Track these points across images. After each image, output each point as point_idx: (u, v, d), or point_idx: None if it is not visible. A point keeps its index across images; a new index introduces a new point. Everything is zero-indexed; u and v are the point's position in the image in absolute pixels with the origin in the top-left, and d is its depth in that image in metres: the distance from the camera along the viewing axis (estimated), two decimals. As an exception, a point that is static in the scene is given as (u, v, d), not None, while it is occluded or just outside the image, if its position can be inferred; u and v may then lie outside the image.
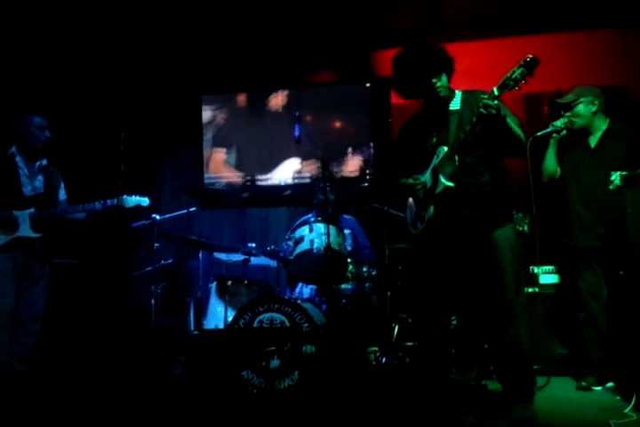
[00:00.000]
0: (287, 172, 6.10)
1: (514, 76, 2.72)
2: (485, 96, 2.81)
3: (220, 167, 6.28)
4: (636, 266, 3.54)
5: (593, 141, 3.93)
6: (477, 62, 5.40)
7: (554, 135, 3.96)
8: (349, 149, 5.99)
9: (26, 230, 4.04)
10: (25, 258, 4.05)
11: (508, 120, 2.90)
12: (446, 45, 3.21)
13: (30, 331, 4.08)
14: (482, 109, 2.81)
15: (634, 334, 3.58)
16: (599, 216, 3.83)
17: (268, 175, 6.13)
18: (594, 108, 3.90)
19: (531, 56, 2.69)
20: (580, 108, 3.90)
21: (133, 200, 4.17)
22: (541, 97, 5.13)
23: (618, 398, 3.52)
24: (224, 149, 6.29)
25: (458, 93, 3.17)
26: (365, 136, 5.96)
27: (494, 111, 2.79)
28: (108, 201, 4.12)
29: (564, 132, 3.93)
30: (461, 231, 3.07)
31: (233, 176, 6.14)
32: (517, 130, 2.98)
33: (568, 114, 3.92)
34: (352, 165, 5.97)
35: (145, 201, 4.23)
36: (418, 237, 3.24)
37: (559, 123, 3.92)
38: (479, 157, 3.04)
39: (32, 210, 4.07)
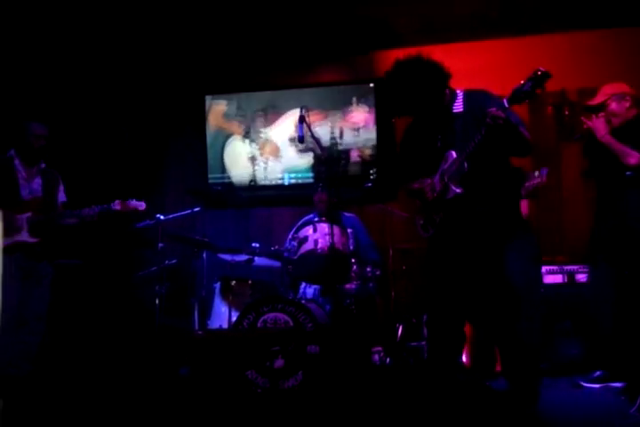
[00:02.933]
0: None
1: (524, 89, 2.70)
2: (494, 108, 2.79)
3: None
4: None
5: None
6: (480, 62, 5.40)
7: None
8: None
9: (24, 235, 4.03)
10: (27, 260, 4.06)
11: (520, 128, 2.91)
12: (448, 45, 3.21)
13: (34, 330, 4.10)
14: (489, 120, 2.79)
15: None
16: None
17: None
18: (627, 104, 3.82)
19: (542, 70, 2.67)
20: (614, 106, 3.83)
21: (129, 205, 4.15)
22: (544, 97, 5.12)
23: (623, 398, 3.51)
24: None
25: (460, 94, 3.14)
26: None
27: (501, 122, 2.78)
28: (104, 206, 4.11)
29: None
30: (472, 236, 3.07)
31: (238, 174, 6.14)
32: (526, 133, 2.98)
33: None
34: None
35: (141, 205, 4.20)
36: (429, 240, 3.24)
37: None
38: (489, 163, 3.03)
39: (29, 214, 4.06)
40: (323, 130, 5.84)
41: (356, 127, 5.89)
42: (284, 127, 6.03)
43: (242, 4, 5.24)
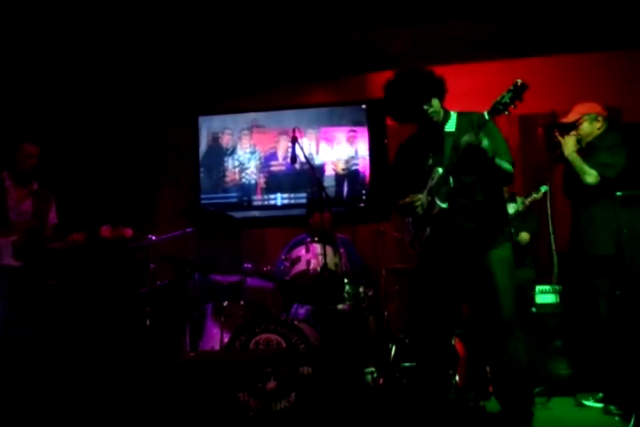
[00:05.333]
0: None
1: (503, 101, 2.76)
2: (466, 137, 2.85)
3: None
4: (633, 286, 3.56)
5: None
6: (472, 84, 5.45)
7: None
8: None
9: (8, 259, 3.98)
10: (14, 282, 4.02)
11: (497, 160, 2.94)
12: (441, 68, 3.26)
13: (21, 353, 4.04)
14: (462, 148, 2.86)
15: (632, 353, 3.57)
16: None
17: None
18: (598, 124, 3.91)
19: (520, 81, 2.72)
20: (585, 125, 3.91)
21: (117, 231, 4.14)
22: (535, 118, 5.18)
23: (617, 418, 3.50)
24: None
25: (453, 115, 3.19)
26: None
27: (475, 151, 2.84)
28: (90, 232, 4.09)
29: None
30: (458, 251, 3.08)
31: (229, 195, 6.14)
32: (506, 166, 3.02)
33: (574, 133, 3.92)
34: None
35: (128, 232, 4.20)
36: (417, 257, 3.25)
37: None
38: (473, 179, 3.07)
39: (15, 237, 4.02)
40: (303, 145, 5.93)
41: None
42: (274, 146, 6.09)
43: (238, 27, 5.30)
